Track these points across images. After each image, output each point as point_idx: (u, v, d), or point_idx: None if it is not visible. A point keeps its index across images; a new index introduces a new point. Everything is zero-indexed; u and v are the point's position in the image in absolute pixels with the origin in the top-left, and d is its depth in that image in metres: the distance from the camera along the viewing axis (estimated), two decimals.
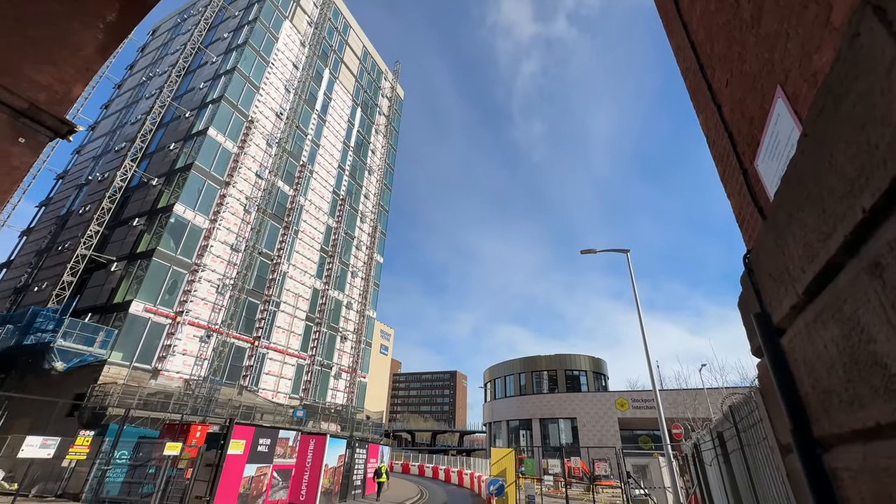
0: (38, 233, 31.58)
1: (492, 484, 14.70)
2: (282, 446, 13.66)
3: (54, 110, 5.79)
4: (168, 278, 21.98)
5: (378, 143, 46.55)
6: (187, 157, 25.73)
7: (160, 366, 20.45)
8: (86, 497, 11.82)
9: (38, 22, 5.64)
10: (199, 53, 33.47)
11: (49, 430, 15.78)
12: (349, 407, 32.63)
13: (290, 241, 30.49)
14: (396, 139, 50.83)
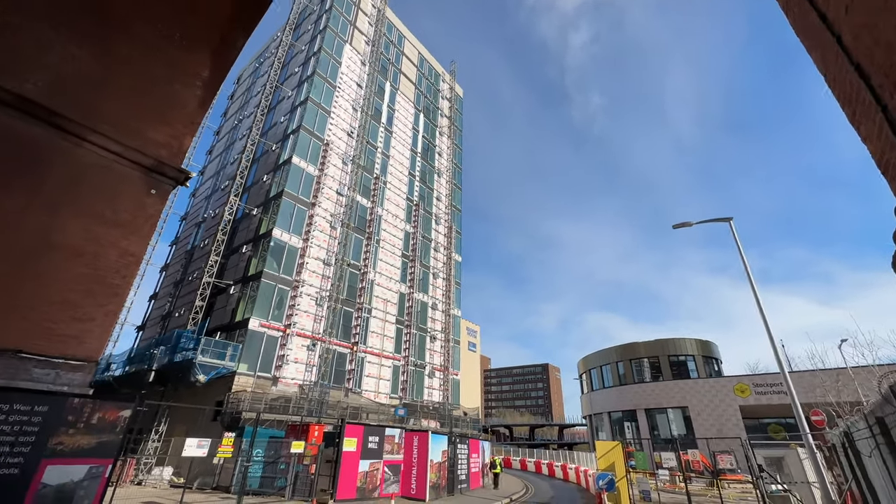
0: (173, 268, 37.37)
1: (600, 478, 14.13)
2: (389, 443, 14.54)
3: (173, 162, 6.48)
4: (275, 295, 24.61)
5: (443, 144, 47.32)
6: (278, 186, 28.57)
7: (278, 373, 22.98)
8: (234, 490, 13.74)
9: (150, 88, 6.33)
10: (277, 91, 36.98)
11: (200, 433, 18.62)
12: (445, 404, 33.62)
13: (373, 251, 32.32)
14: (460, 138, 51.21)
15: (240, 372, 21.19)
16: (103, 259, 11.82)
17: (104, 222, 11.98)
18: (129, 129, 13.02)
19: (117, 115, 12.77)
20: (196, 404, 21.20)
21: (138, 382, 23.54)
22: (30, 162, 10.49)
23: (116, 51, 12.66)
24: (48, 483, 5.03)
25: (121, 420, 6.06)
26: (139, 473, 17.90)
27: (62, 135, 11.28)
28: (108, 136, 12.47)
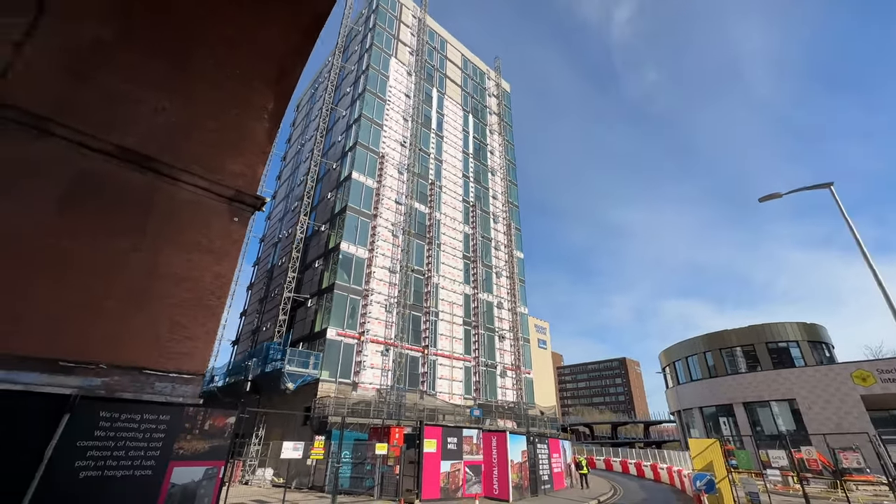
0: (257, 286, 40.92)
1: (698, 479, 13.05)
2: (468, 444, 14.63)
3: (250, 190, 7.16)
4: (348, 305, 25.95)
5: (495, 142, 46.95)
6: (342, 202, 30.15)
7: (356, 379, 24.18)
8: (328, 489, 14.66)
9: (226, 126, 7.06)
10: (333, 112, 39.12)
11: (293, 437, 20.13)
12: (520, 403, 33.15)
13: (435, 255, 32.87)
14: (511, 134, 50.46)
15: (323, 379, 22.59)
16: (201, 283, 13.19)
17: (199, 250, 13.37)
18: (212, 166, 14.43)
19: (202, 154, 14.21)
20: (287, 410, 22.97)
21: (237, 392, 26.07)
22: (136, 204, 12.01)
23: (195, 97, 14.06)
24: (176, 482, 5.78)
25: (227, 426, 6.82)
26: (245, 474, 19.77)
27: (159, 177, 12.77)
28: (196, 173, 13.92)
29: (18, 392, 7.28)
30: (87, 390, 8.93)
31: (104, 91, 11.96)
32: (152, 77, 13.05)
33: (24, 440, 5.29)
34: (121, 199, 11.94)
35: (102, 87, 11.89)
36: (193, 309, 12.22)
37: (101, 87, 11.87)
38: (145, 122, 13.02)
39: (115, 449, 5.79)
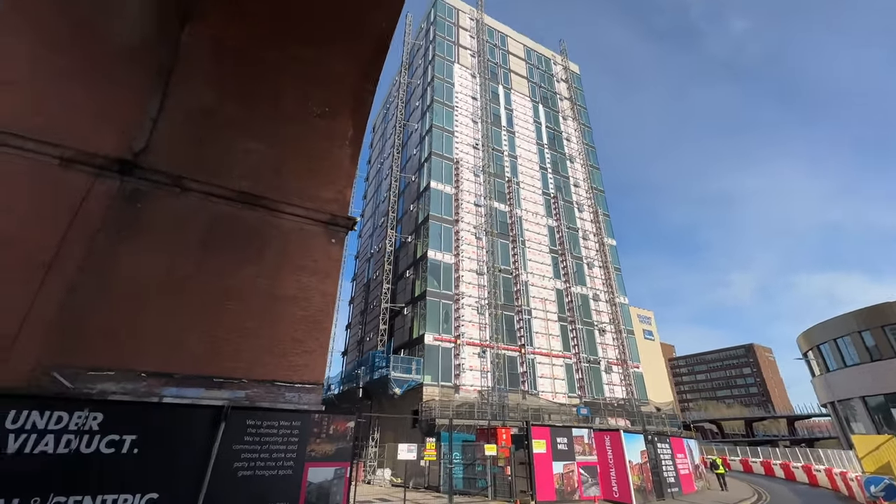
0: (357, 299, 44.17)
1: (872, 483, 10.88)
2: (579, 444, 14.04)
3: (342, 213, 8.27)
4: (441, 310, 26.72)
5: (569, 128, 44.89)
6: (424, 212, 31.25)
7: (457, 382, 24.71)
8: (443, 489, 15.16)
9: (316, 158, 8.17)
10: (406, 128, 40.88)
11: (404, 439, 21.22)
12: (632, 400, 30.92)
13: (520, 252, 32.36)
14: (587, 116, 47.79)
15: (426, 383, 23.51)
16: (311, 301, 14.63)
17: (307, 272, 14.85)
18: (308, 195, 15.96)
19: (299, 187, 15.78)
20: (397, 414, 24.30)
21: (351, 398, 28.31)
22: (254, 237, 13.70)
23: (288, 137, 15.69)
24: (312, 482, 6.53)
25: (348, 430, 7.51)
26: (367, 474, 21.34)
27: (268, 212, 14.47)
28: (296, 204, 15.49)
29: (187, 405, 8.75)
30: (234, 401, 10.39)
31: (219, 147, 13.94)
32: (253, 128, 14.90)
33: (197, 443, 6.38)
34: (243, 235, 13.80)
35: (218, 144, 13.87)
36: (308, 325, 13.60)
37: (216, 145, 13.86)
38: (252, 167, 14.91)
39: (261, 451, 6.71)
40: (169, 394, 10.89)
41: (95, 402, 6.43)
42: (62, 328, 11.71)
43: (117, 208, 14.20)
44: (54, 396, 9.08)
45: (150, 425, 6.54)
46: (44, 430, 5.78)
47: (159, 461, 6.44)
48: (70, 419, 5.90)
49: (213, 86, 16.42)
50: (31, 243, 12.72)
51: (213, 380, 11.34)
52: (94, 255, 13.13)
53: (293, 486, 6.59)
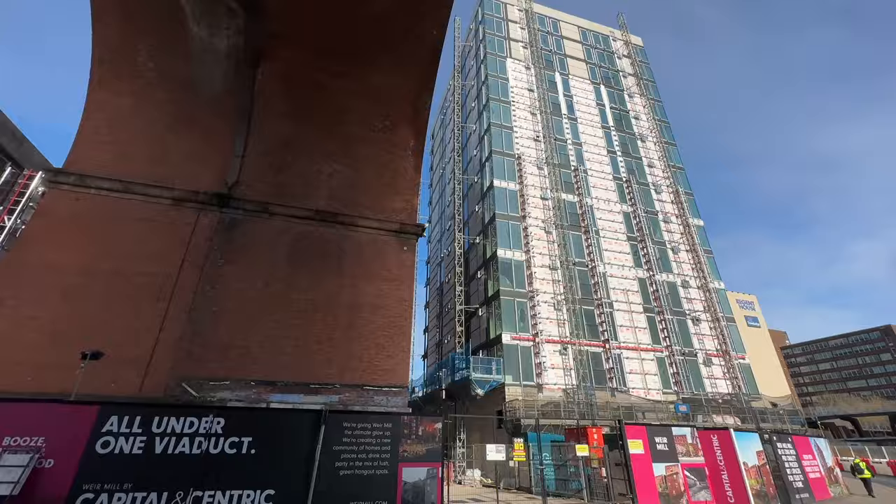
0: (432, 304, 45.19)
1: None
2: (681, 444, 12.92)
3: (411, 221, 9.15)
4: (516, 309, 26.33)
5: (637, 106, 41.91)
6: (489, 211, 31.13)
7: (540, 381, 24.13)
8: (535, 490, 14.85)
9: (383, 171, 9.08)
10: (463, 130, 41.13)
11: (491, 440, 21.18)
12: (739, 395, 27.80)
13: (595, 243, 30.81)
14: (655, 90, 44.26)
15: (507, 383, 23.28)
16: (390, 308, 15.28)
17: (383, 280, 15.53)
18: (378, 207, 16.70)
19: (369, 200, 16.59)
20: (481, 414, 24.37)
21: (435, 400, 28.96)
22: (334, 252, 14.62)
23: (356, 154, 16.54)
24: (407, 481, 6.80)
25: (437, 431, 7.70)
26: (457, 475, 21.64)
27: (345, 227, 15.38)
28: (368, 217, 16.31)
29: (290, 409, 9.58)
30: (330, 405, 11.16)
31: (296, 172, 15.11)
32: (324, 150, 15.95)
33: (302, 444, 6.99)
34: (324, 251, 14.80)
35: (295, 170, 15.05)
36: (389, 330, 14.21)
37: (293, 170, 15.05)
38: (326, 187, 15.96)
39: (358, 452, 7.15)
40: (275, 400, 12.04)
41: (218, 409, 7.35)
42: (186, 345, 13.50)
43: (219, 237, 16.10)
44: (185, 404, 10.49)
45: (263, 428, 7.30)
46: (180, 433, 6.75)
47: (272, 460, 7.16)
48: (199, 424, 6.81)
49: (286, 117, 17.93)
50: (159, 277, 14.85)
51: (310, 386, 12.33)
52: (204, 279, 14.99)
53: (390, 484, 6.93)
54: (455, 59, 45.38)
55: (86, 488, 6.39)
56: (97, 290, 13.08)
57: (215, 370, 12.97)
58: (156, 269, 14.51)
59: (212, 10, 14.99)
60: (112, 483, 6.43)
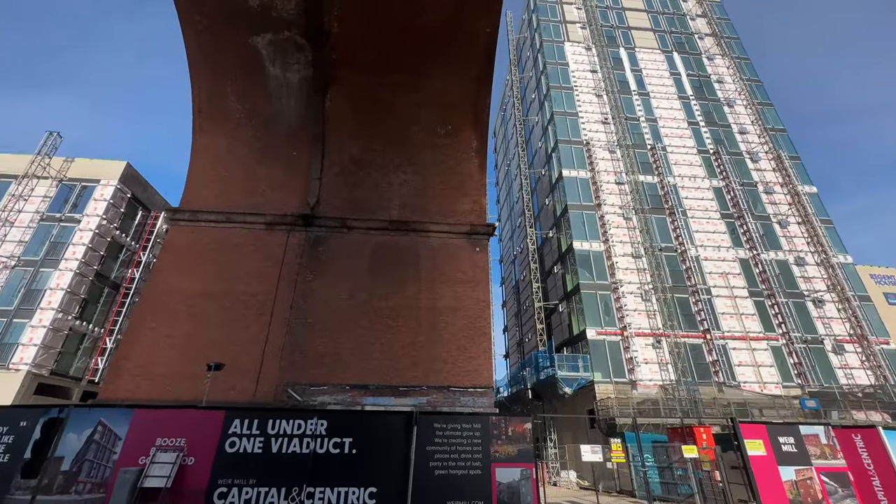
0: (509, 302, 44.70)
1: None
2: (813, 445, 11.21)
3: (481, 221, 9.18)
4: (599, 302, 25.00)
5: (720, 68, 37.65)
6: (560, 203, 30.03)
7: (632, 377, 22.59)
8: (639, 494, 13.90)
9: (450, 175, 9.17)
10: (526, 123, 40.24)
11: (584, 440, 20.29)
12: (886, 386, 23.47)
13: (682, 225, 28.19)
14: (740, 47, 39.38)
15: (597, 381, 22.16)
16: (469, 310, 15.42)
17: (459, 282, 15.74)
18: (448, 211, 17.00)
19: (439, 205, 16.94)
20: (570, 414, 23.48)
21: (522, 400, 28.53)
22: (409, 259, 15.15)
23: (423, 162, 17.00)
24: (501, 482, 6.77)
25: (527, 431, 7.58)
26: (551, 476, 21.05)
27: (417, 234, 15.87)
28: (439, 221, 16.66)
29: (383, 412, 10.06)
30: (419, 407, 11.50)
31: (369, 186, 15.91)
32: (392, 162, 16.63)
33: (397, 445, 7.30)
34: (401, 259, 15.38)
35: (368, 184, 15.86)
36: (470, 332, 14.34)
37: (367, 185, 15.86)
38: (397, 197, 16.62)
39: (450, 452, 7.28)
40: (368, 402, 12.75)
41: (320, 412, 7.99)
42: (287, 355, 14.83)
43: (307, 254, 17.49)
44: (292, 408, 11.54)
45: (360, 429, 7.78)
46: (291, 434, 7.45)
47: (372, 460, 7.59)
48: (306, 426, 7.45)
49: (355, 136, 19.01)
50: (259, 295, 16.51)
51: (399, 388, 12.87)
52: (297, 294, 16.36)
53: (485, 485, 6.95)
54: (510, 53, 44.67)
55: (220, 483, 7.31)
56: (214, 309, 14.99)
57: (314, 376, 14.13)
58: (257, 287, 16.26)
59: (283, 48, 16.49)
60: (240, 479, 7.28)
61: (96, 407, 10.00)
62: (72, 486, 8.18)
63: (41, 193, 26.50)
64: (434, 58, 18.06)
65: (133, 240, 29.43)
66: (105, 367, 24.91)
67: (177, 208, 17.18)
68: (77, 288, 24.70)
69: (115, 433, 8.32)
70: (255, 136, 18.36)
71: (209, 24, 16.43)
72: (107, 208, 26.85)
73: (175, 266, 15.90)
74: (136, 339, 14.41)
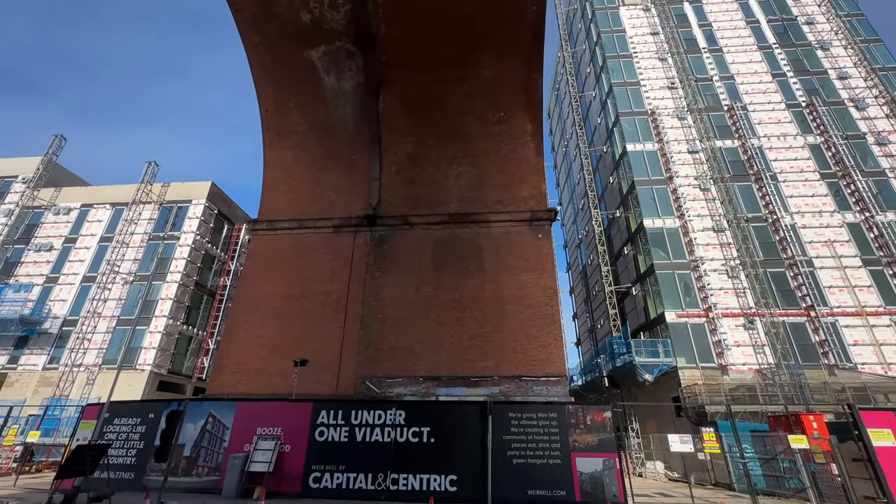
0: (577, 288, 43.13)
1: None
2: None
3: (541, 206, 9.03)
4: (677, 283, 23.21)
5: (808, 7, 32.78)
6: (627, 180, 28.23)
7: (722, 361, 20.74)
8: (738, 487, 12.78)
9: (506, 162, 9.17)
10: (582, 100, 38.26)
11: (669, 429, 19.06)
12: None
13: (772, 191, 25.16)
14: None
15: (680, 366, 20.67)
16: (535, 298, 15.20)
17: (523, 270, 15.57)
18: (507, 199, 16.84)
19: (497, 194, 16.85)
20: (654, 401, 22.17)
21: (597, 388, 27.49)
22: (471, 250, 15.26)
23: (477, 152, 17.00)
24: (583, 471, 6.60)
25: (606, 420, 7.29)
26: (635, 467, 20.10)
27: (477, 225, 15.92)
28: (498, 210, 16.59)
29: (457, 402, 10.25)
30: (492, 397, 11.58)
31: (426, 181, 16.27)
32: (447, 155, 16.80)
33: (473, 434, 7.42)
34: (462, 251, 15.54)
35: (425, 180, 16.22)
36: (538, 320, 14.17)
37: (424, 180, 16.24)
38: (455, 189, 16.78)
39: (528, 442, 7.24)
40: (442, 393, 13.06)
41: (398, 403, 8.36)
42: (363, 349, 15.66)
43: (373, 252, 18.30)
44: (371, 399, 12.19)
45: (436, 419, 8.01)
46: (373, 424, 7.90)
47: (450, 448, 7.79)
48: (385, 416, 7.85)
49: (409, 134, 19.46)
50: (334, 294, 17.59)
51: (470, 379, 13.03)
52: (367, 291, 17.19)
53: (565, 474, 6.81)
54: (560, 29, 42.61)
55: (314, 468, 7.94)
56: (295, 309, 16.26)
57: (388, 369, 14.78)
58: (331, 287, 17.34)
59: (335, 57, 17.26)
60: (331, 465, 7.86)
61: (206, 400, 11.33)
62: (193, 469, 9.41)
63: (147, 216, 30.38)
64: (480, 44, 17.81)
65: (222, 251, 32.72)
66: (209, 366, 28.09)
67: (256, 219, 18.76)
68: (181, 297, 28.04)
69: (223, 423, 9.40)
70: (318, 144, 19.50)
71: (269, 44, 17.67)
72: (199, 225, 30.10)
73: (259, 272, 17.45)
74: (233, 340, 16.08)
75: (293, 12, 16.13)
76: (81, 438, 10.90)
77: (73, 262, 29.36)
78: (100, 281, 27.81)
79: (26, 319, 25.92)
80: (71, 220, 31.07)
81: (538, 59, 16.08)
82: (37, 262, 29.52)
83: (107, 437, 10.64)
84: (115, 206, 31.24)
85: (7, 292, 26.70)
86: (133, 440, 10.37)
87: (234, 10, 16.79)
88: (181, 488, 9.32)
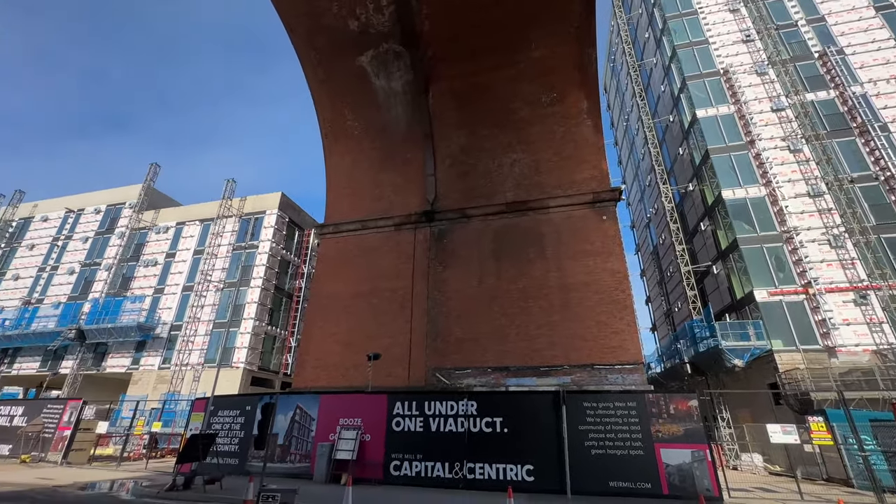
0: (649, 271, 40.50)
1: None
2: None
3: (604, 187, 8.61)
4: (767, 257, 20.90)
5: None
6: (699, 150, 25.87)
7: (829, 342, 18.37)
8: (858, 483, 11.31)
9: (562, 144, 8.79)
10: (641, 68, 35.57)
11: (767, 418, 17.30)
12: None
13: (882, 144, 21.63)
14: None
15: (776, 349, 18.66)
16: (603, 283, 14.58)
17: (589, 255, 14.98)
18: (566, 183, 16.26)
19: (555, 178, 16.33)
20: (744, 388, 20.26)
21: (678, 375, 25.69)
22: (532, 238, 14.96)
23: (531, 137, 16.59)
24: (669, 463, 6.20)
25: (692, 409, 6.76)
26: (729, 459, 18.55)
27: (536, 212, 15.55)
28: (558, 195, 16.08)
29: (528, 392, 10.15)
30: (564, 386, 11.30)
31: (481, 172, 16.19)
32: (500, 144, 16.60)
33: (547, 424, 7.31)
34: (523, 240, 15.33)
35: (479, 171, 16.16)
36: (608, 306, 13.61)
37: (478, 171, 16.16)
38: (511, 177, 16.54)
39: (605, 432, 6.97)
40: (511, 384, 13.00)
41: (469, 394, 8.47)
42: (430, 342, 16.04)
43: (434, 247, 18.60)
44: (442, 391, 12.46)
45: (508, 409, 7.99)
46: (446, 414, 8.10)
47: (524, 438, 7.74)
48: (457, 406, 8.00)
49: (460, 126, 19.42)
50: (399, 290, 18.19)
51: (540, 369, 12.82)
52: (431, 285, 17.54)
53: (649, 466, 6.44)
54: None
55: (393, 457, 8.31)
56: (364, 307, 17.06)
57: (457, 361, 15.01)
58: (397, 283, 17.93)
59: (383, 59, 17.66)
60: (409, 454, 8.18)
61: (293, 394, 12.32)
62: (286, 457, 10.32)
63: (229, 229, 33.55)
64: (528, 25, 17.21)
65: (295, 255, 35.22)
66: (293, 362, 30.50)
67: (323, 224, 19.89)
68: (264, 300, 30.68)
69: (309, 415, 10.18)
70: (374, 146, 20.17)
71: (322, 56, 18.53)
72: (273, 233, 32.64)
73: (329, 273, 18.53)
74: (311, 337, 17.27)
75: (342, 21, 16.74)
76: (194, 428, 12.45)
77: (174, 275, 33.30)
78: (196, 290, 31.27)
79: (143, 326, 29.92)
80: (169, 237, 35.22)
81: (589, 31, 15.22)
82: (146, 276, 33.91)
83: (214, 427, 12.03)
84: (202, 221, 34.85)
85: (126, 304, 31.02)
86: (234, 430, 11.63)
87: (290, 30, 17.81)
88: (278, 473, 10.28)
